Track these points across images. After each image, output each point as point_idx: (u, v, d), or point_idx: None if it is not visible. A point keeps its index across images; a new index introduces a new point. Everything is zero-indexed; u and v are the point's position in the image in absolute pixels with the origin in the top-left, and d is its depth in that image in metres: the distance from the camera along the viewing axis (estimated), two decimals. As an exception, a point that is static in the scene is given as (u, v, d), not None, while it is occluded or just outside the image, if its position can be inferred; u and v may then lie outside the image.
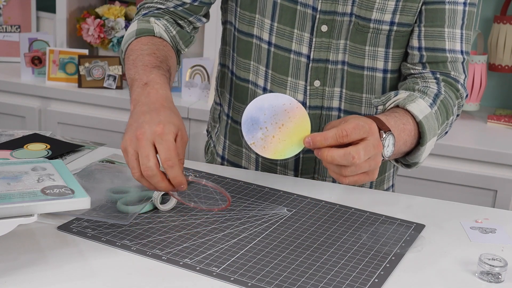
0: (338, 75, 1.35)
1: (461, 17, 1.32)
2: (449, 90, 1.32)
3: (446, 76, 1.33)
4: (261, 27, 1.36)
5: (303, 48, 1.34)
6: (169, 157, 1.02)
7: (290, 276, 0.99)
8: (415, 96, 1.25)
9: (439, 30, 1.32)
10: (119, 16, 2.67)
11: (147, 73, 1.17)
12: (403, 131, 1.19)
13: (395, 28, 1.31)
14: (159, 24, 1.34)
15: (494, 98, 2.64)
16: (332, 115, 1.38)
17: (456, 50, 1.33)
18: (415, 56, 1.34)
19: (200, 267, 1.00)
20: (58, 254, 1.02)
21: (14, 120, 2.65)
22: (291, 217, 1.19)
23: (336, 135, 1.05)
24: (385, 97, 1.29)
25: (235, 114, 1.46)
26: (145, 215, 1.15)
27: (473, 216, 1.26)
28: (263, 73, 1.38)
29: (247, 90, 1.42)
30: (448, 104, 1.30)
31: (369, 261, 1.06)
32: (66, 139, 1.49)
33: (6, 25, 2.90)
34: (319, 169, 1.42)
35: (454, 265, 1.07)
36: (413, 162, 1.28)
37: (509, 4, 2.50)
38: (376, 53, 1.34)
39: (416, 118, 1.22)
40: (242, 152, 1.48)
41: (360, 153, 1.04)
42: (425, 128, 1.22)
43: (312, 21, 1.31)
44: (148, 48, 1.26)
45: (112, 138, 2.51)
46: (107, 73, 2.58)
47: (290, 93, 1.37)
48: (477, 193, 2.20)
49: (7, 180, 1.03)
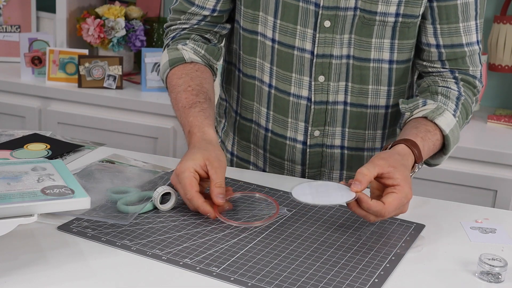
0: (343, 69, 1.36)
1: (474, 8, 1.33)
2: (468, 90, 1.38)
3: (464, 74, 1.38)
4: (264, 25, 1.36)
5: (307, 44, 1.34)
6: (185, 192, 1.15)
7: (290, 276, 0.99)
8: (443, 108, 1.31)
9: (455, 26, 1.34)
10: (119, 16, 2.67)
11: (186, 116, 1.29)
12: (433, 150, 1.29)
13: (400, 20, 1.32)
14: (187, 49, 1.41)
15: (494, 98, 2.64)
16: (337, 109, 1.39)
17: (473, 42, 1.36)
18: (432, 53, 1.36)
19: (200, 267, 1.00)
20: (58, 254, 1.02)
21: (14, 120, 2.65)
22: (291, 217, 1.19)
23: (379, 213, 1.10)
24: (413, 104, 1.33)
25: (243, 111, 1.48)
26: (145, 215, 1.16)
27: (473, 216, 1.26)
28: (268, 70, 1.39)
29: (253, 87, 1.43)
30: (468, 106, 1.36)
31: (369, 261, 1.06)
32: (66, 139, 1.49)
33: (6, 25, 2.90)
34: (326, 163, 1.44)
35: (454, 265, 1.07)
36: (435, 164, 1.36)
37: (509, 4, 2.50)
38: (382, 45, 1.35)
39: (443, 132, 1.29)
40: (251, 147, 1.50)
41: (391, 213, 1.12)
42: (450, 140, 1.30)
43: (314, 17, 1.32)
44: (183, 83, 1.35)
45: (112, 138, 2.51)
46: (107, 73, 2.58)
47: (295, 89, 1.38)
48: (477, 193, 2.20)
49: (7, 180, 1.03)
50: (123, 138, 2.52)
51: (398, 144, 1.21)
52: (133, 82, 2.69)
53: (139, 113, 2.51)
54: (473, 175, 2.19)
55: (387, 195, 1.11)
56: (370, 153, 1.45)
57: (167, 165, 1.39)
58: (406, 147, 1.21)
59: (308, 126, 1.40)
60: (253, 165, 1.51)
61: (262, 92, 1.42)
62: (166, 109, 2.45)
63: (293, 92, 1.38)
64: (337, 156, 1.43)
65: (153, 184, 1.25)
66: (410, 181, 1.14)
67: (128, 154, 1.44)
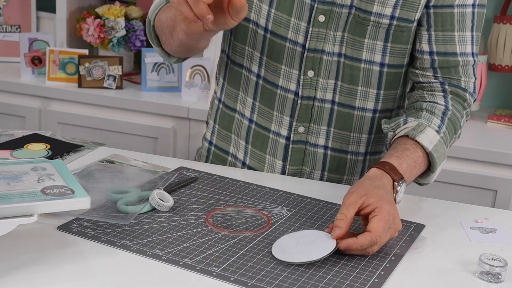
0: (333, 67, 1.35)
1: (471, 19, 1.33)
2: (456, 103, 1.35)
3: (455, 86, 1.35)
4: (258, 13, 1.36)
5: (299, 37, 1.34)
6: None
7: (290, 276, 0.99)
8: (424, 125, 1.28)
9: (450, 35, 1.33)
10: (119, 16, 2.67)
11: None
12: (415, 167, 1.24)
13: (395, 23, 1.32)
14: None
15: (494, 98, 2.64)
16: (324, 107, 1.38)
17: (467, 53, 1.34)
18: (425, 60, 1.35)
19: (200, 267, 1.00)
20: (58, 254, 1.02)
21: (14, 120, 2.65)
22: (291, 217, 1.19)
23: (371, 242, 1.06)
24: (395, 123, 1.31)
25: (226, 98, 1.47)
26: (145, 215, 1.16)
27: (473, 216, 1.26)
28: (258, 60, 1.39)
29: (240, 76, 1.42)
30: (455, 120, 1.33)
31: (369, 261, 1.06)
32: (66, 139, 1.49)
33: (6, 25, 2.90)
34: (307, 161, 1.42)
35: (454, 265, 1.07)
36: (425, 183, 1.33)
37: (509, 4, 2.50)
38: (375, 46, 1.34)
39: (426, 149, 1.26)
40: (231, 138, 1.48)
41: (382, 235, 1.07)
42: (435, 158, 1.26)
43: (309, 11, 1.32)
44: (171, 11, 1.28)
45: (112, 138, 2.51)
46: (107, 73, 2.58)
47: (283, 82, 1.37)
48: (477, 193, 2.20)
49: (7, 180, 1.03)
50: (123, 138, 2.52)
51: (370, 169, 1.20)
52: (133, 82, 2.69)
53: (139, 113, 2.51)
54: (473, 175, 2.19)
55: (370, 222, 1.07)
56: (353, 157, 1.43)
57: (167, 165, 1.39)
58: (377, 169, 1.19)
59: (293, 121, 1.38)
60: (232, 156, 1.48)
61: (249, 82, 1.41)
62: (166, 109, 2.45)
63: (281, 84, 1.37)
64: (320, 156, 1.41)
65: (153, 184, 1.25)
66: (388, 198, 1.12)
67: (128, 154, 1.44)
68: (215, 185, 1.31)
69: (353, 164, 1.44)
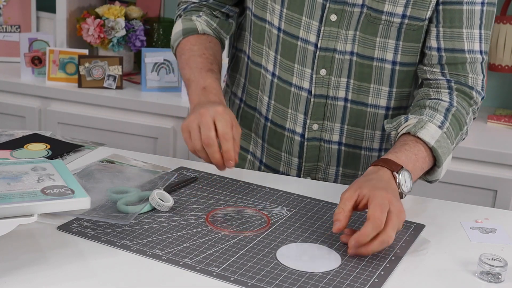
0: (346, 66, 1.36)
1: (479, 17, 1.32)
2: (462, 100, 1.34)
3: (461, 84, 1.34)
4: (272, 13, 1.38)
5: (311, 36, 1.35)
6: (226, 131, 1.20)
7: (290, 276, 0.99)
8: (425, 121, 1.27)
9: (458, 31, 1.33)
10: (119, 16, 2.67)
11: (203, 77, 1.34)
12: (417, 161, 1.23)
13: (406, 21, 1.32)
14: (200, 21, 1.46)
15: (494, 98, 2.64)
16: (337, 105, 1.39)
17: (475, 51, 1.34)
18: (433, 57, 1.35)
19: (200, 267, 1.00)
20: (58, 254, 1.02)
21: (14, 120, 2.65)
22: (291, 217, 1.19)
23: (374, 228, 1.05)
24: (396, 122, 1.31)
25: (248, 98, 1.49)
26: (145, 215, 1.16)
27: (473, 216, 1.26)
28: (273, 59, 1.41)
29: (259, 75, 1.45)
30: (460, 116, 1.32)
31: (369, 261, 1.06)
32: (66, 139, 1.49)
33: (6, 25, 2.90)
34: (323, 157, 1.44)
35: (454, 265, 1.07)
36: (434, 180, 1.32)
37: (509, 4, 2.50)
38: (387, 45, 1.35)
39: (428, 144, 1.25)
40: (251, 136, 1.51)
41: (391, 235, 1.07)
42: (438, 152, 1.25)
43: (321, 10, 1.33)
44: (198, 49, 1.41)
45: (112, 138, 2.51)
46: (107, 73, 2.58)
47: (297, 80, 1.39)
48: (477, 193, 2.20)
49: (7, 180, 1.03)
50: (123, 138, 2.52)
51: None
52: (133, 82, 2.69)
53: (139, 113, 2.51)
54: (473, 175, 2.19)
55: (368, 211, 1.08)
56: (367, 152, 1.44)
57: (167, 165, 1.39)
58: (373, 166, 1.19)
59: (307, 118, 1.40)
60: (252, 154, 1.52)
61: (266, 80, 1.43)
62: (166, 109, 2.45)
63: (295, 83, 1.39)
64: (334, 152, 1.43)
65: (153, 184, 1.25)
66: (381, 185, 1.12)
67: (128, 154, 1.44)
68: (215, 185, 1.31)
69: (368, 160, 1.46)
